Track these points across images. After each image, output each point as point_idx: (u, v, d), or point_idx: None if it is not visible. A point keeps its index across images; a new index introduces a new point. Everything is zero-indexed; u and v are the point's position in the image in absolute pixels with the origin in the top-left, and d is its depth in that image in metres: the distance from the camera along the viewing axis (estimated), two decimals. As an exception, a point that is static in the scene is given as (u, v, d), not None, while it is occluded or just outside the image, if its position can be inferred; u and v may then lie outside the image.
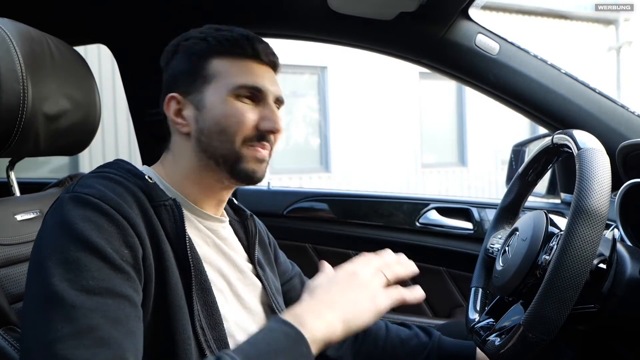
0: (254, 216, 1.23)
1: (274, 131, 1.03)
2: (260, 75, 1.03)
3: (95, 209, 0.83)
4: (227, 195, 1.10)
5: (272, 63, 1.07)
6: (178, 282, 0.89)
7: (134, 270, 0.82)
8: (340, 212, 2.04)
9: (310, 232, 2.03)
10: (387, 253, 1.02)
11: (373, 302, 0.91)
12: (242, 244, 1.14)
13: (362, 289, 0.92)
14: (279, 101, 1.08)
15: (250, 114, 1.00)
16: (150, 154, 1.88)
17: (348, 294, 0.90)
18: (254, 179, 1.03)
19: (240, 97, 1.00)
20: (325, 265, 1.05)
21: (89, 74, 1.31)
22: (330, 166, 8.43)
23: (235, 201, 1.20)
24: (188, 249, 0.91)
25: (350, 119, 8.39)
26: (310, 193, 2.09)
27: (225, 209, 1.14)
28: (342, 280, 0.94)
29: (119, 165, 0.97)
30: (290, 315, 0.85)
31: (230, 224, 1.14)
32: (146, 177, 0.96)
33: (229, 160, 1.00)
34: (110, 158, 1.02)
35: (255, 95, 1.02)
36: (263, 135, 1.02)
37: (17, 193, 1.32)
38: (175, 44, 1.06)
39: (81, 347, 0.71)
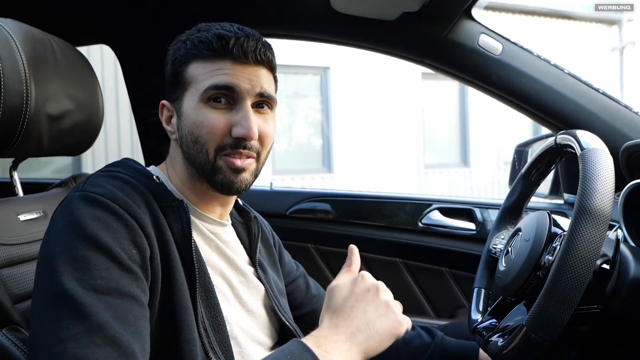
0: (259, 217, 1.22)
1: (247, 138, 0.94)
2: (233, 74, 0.94)
3: (104, 208, 0.83)
4: (228, 201, 1.07)
5: (257, 60, 0.97)
6: (184, 283, 0.89)
7: (142, 270, 0.82)
8: (343, 212, 2.04)
9: (312, 233, 2.03)
10: None
11: (394, 326, 0.92)
12: (244, 246, 1.14)
13: (384, 309, 0.92)
14: (264, 98, 0.98)
15: (221, 120, 0.94)
16: (153, 155, 1.88)
17: (370, 318, 0.90)
18: (232, 190, 0.98)
19: (212, 102, 0.95)
20: (353, 258, 1.02)
21: (91, 74, 1.32)
22: (332, 166, 8.43)
23: (241, 202, 1.20)
24: (193, 251, 0.92)
25: (353, 119, 8.39)
26: (312, 193, 2.09)
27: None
28: (365, 297, 0.92)
29: (127, 165, 0.97)
30: (314, 344, 0.84)
31: (233, 225, 1.14)
32: (154, 177, 0.96)
33: (206, 170, 0.97)
34: (112, 158, 1.02)
35: (229, 96, 0.95)
36: (238, 142, 0.95)
37: (21, 193, 1.32)
38: (170, 47, 1.03)
39: (92, 345, 0.71)
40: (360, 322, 0.89)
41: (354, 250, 1.03)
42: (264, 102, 0.99)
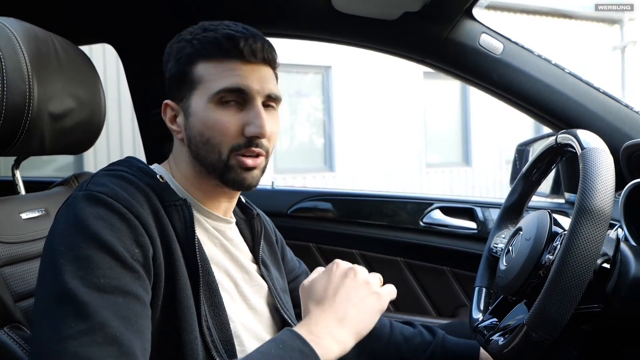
0: (262, 214, 1.22)
1: (260, 136, 0.96)
2: (244, 75, 0.96)
3: (107, 208, 0.83)
4: (234, 197, 1.08)
5: (264, 60, 0.99)
6: (187, 282, 0.89)
7: (144, 270, 0.83)
8: (344, 211, 2.04)
9: (314, 232, 2.04)
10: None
11: (378, 302, 0.95)
12: (248, 244, 1.14)
13: (365, 289, 0.94)
14: (272, 99, 1.00)
15: (233, 121, 0.95)
16: (154, 153, 1.88)
17: (355, 301, 0.92)
18: (244, 186, 0.99)
19: (224, 103, 0.95)
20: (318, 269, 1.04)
21: (94, 73, 1.32)
22: (334, 166, 8.43)
23: (244, 199, 1.20)
24: (197, 250, 0.92)
25: (355, 118, 8.38)
26: (314, 192, 2.09)
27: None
28: (345, 282, 0.94)
29: (131, 164, 0.98)
30: (305, 331, 0.86)
31: (237, 222, 1.14)
32: (157, 176, 0.97)
33: (217, 169, 0.97)
34: (115, 157, 1.02)
35: (240, 97, 0.96)
36: (251, 141, 0.96)
37: (23, 192, 1.32)
38: (170, 45, 1.03)
39: (93, 344, 0.71)
40: (347, 306, 0.91)
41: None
42: (271, 101, 1.00)
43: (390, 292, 0.99)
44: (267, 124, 0.96)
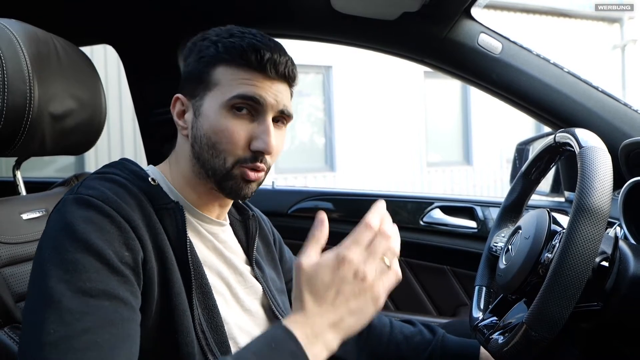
0: (258, 214, 1.22)
1: (265, 152, 0.95)
2: (262, 87, 0.95)
3: (97, 211, 0.83)
4: (228, 202, 1.08)
5: (284, 76, 0.98)
6: (180, 285, 0.89)
7: (133, 273, 0.82)
8: (345, 211, 2.04)
9: (314, 232, 2.03)
10: (381, 214, 0.88)
11: (375, 306, 0.82)
12: (242, 245, 1.13)
13: (368, 295, 0.81)
14: (284, 115, 1.00)
15: (241, 131, 0.95)
16: (155, 154, 1.88)
17: (354, 307, 0.80)
18: (240, 196, 0.98)
19: (236, 111, 0.95)
20: (324, 230, 0.85)
21: (94, 74, 1.32)
22: (335, 165, 8.43)
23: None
24: (189, 253, 0.91)
25: (355, 118, 8.39)
26: (314, 192, 2.09)
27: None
28: (350, 287, 0.80)
29: (123, 166, 0.97)
30: (301, 334, 0.77)
31: (232, 223, 1.13)
32: (150, 178, 0.96)
33: (218, 175, 0.96)
34: (115, 158, 1.02)
35: (253, 107, 0.95)
36: (256, 156, 0.96)
37: (23, 192, 1.33)
38: (194, 41, 1.02)
39: (71, 350, 0.71)
40: (344, 312, 0.79)
41: (324, 221, 0.85)
42: (282, 118, 1.00)
43: (392, 282, 0.85)
44: (274, 141, 0.96)
